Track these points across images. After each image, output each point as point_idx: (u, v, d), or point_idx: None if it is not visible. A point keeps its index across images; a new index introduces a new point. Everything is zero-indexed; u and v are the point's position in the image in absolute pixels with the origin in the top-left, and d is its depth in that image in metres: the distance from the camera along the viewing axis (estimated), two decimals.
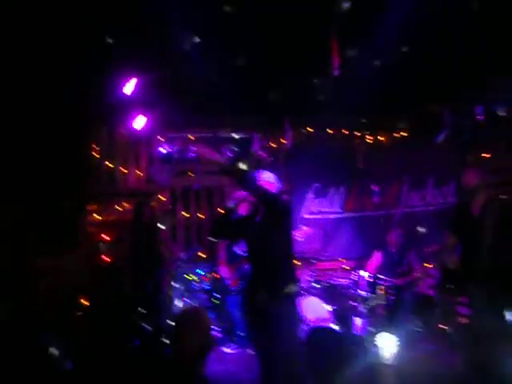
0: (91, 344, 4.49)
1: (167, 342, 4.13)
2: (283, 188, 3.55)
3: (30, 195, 4.96)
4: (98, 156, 6.49)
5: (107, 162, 6.54)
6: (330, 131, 7.28)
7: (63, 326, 4.38)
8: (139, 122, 5.91)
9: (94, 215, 6.23)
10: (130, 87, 4.88)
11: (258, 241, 3.16)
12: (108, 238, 5.88)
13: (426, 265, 6.21)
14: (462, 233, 4.02)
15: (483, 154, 6.11)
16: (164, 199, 6.52)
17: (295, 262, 6.16)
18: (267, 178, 3.33)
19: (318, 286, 5.91)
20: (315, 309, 5.44)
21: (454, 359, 4.60)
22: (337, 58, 4.04)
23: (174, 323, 2.12)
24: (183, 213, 6.79)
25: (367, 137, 7.35)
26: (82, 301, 5.61)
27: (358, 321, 5.35)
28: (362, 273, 5.66)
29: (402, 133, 7.20)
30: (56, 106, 5.07)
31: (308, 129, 7.06)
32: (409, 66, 5.09)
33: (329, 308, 5.41)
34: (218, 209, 6.78)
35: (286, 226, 3.22)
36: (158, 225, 5.91)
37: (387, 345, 5.07)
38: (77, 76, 4.79)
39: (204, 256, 6.26)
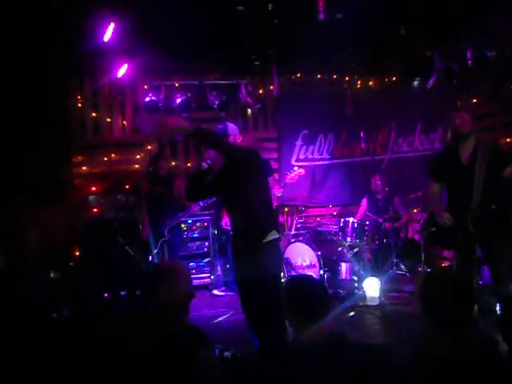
0: (82, 293, 4.60)
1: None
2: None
3: (12, 148, 4.90)
4: (81, 106, 6.39)
5: (92, 113, 6.46)
6: (318, 76, 7.16)
7: (53, 276, 4.47)
8: (122, 70, 5.75)
9: (82, 167, 6.23)
10: (108, 34, 4.69)
11: (232, 193, 3.15)
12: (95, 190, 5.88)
13: (411, 210, 6.30)
14: (450, 179, 3.85)
15: (473, 100, 6.06)
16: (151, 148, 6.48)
17: (285, 208, 6.39)
18: (233, 131, 3.54)
19: (306, 233, 6.02)
20: (302, 254, 5.57)
21: None
22: (322, 1, 3.89)
23: (150, 276, 2.13)
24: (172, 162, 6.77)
25: (356, 82, 7.24)
26: (74, 252, 5.73)
27: (344, 266, 5.48)
28: (348, 219, 5.74)
29: (391, 77, 7.09)
30: (33, 56, 4.91)
31: (295, 74, 6.92)
32: (397, 9, 4.92)
33: (316, 254, 5.53)
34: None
35: (258, 175, 3.19)
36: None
37: (372, 288, 5.26)
38: (52, 25, 4.60)
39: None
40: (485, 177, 3.64)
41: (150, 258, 5.20)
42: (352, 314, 4.89)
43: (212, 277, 6.18)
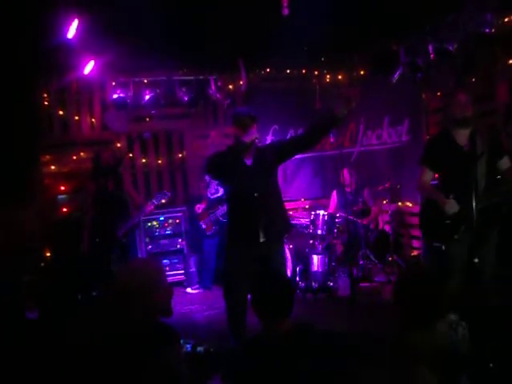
0: (54, 294, 4.55)
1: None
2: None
3: None
4: (48, 104, 6.27)
5: (59, 111, 6.35)
6: (287, 71, 7.20)
7: (22, 277, 4.40)
8: (89, 67, 5.67)
9: (50, 166, 6.13)
10: (72, 30, 4.62)
11: (264, 180, 3.24)
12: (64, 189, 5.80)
13: (380, 202, 6.42)
14: (448, 165, 3.56)
15: (437, 93, 6.19)
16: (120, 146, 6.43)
17: None
18: None
19: None
20: None
21: None
22: None
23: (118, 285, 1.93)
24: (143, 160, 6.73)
25: (325, 76, 7.31)
26: (44, 252, 5.64)
27: (315, 258, 5.56)
28: (319, 212, 5.82)
29: (359, 71, 7.18)
30: None
31: (264, 69, 6.95)
32: (363, 3, 4.99)
33: (287, 247, 5.59)
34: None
35: (276, 172, 3.41)
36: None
37: (344, 279, 5.36)
38: (16, 21, 4.50)
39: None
40: (488, 162, 3.47)
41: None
42: None
43: (185, 274, 6.19)
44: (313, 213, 5.90)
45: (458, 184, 3.48)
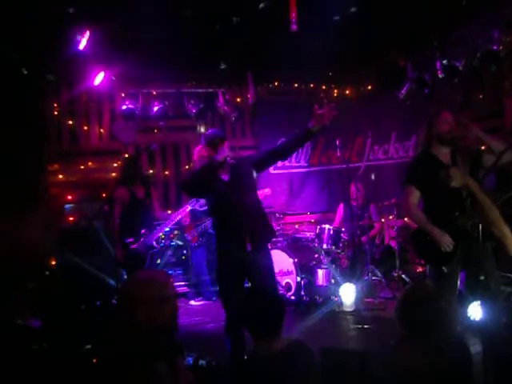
0: (58, 303, 4.55)
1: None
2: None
3: None
4: (58, 114, 6.35)
5: (68, 121, 6.42)
6: (295, 85, 7.25)
7: (26, 285, 4.41)
8: (99, 78, 5.75)
9: (57, 175, 6.18)
10: (84, 42, 4.69)
11: (244, 192, 3.40)
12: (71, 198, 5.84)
13: (387, 217, 6.38)
14: (433, 186, 3.40)
15: (443, 110, 6.17)
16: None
17: None
18: None
19: (283, 240, 6.06)
20: (279, 261, 5.60)
21: None
22: (294, 13, 3.95)
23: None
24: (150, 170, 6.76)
25: (333, 90, 7.35)
26: (50, 260, 5.65)
27: (320, 272, 5.53)
28: (324, 226, 5.80)
29: (367, 87, 7.22)
30: (8, 62, 4.87)
31: (273, 83, 7.00)
32: (371, 19, 5.03)
33: (293, 261, 5.57)
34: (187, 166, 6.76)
35: (254, 182, 3.58)
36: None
37: (348, 294, 5.32)
38: (28, 31, 4.58)
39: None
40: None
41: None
42: None
43: (189, 285, 6.18)
44: (318, 227, 5.88)
45: (444, 203, 3.39)
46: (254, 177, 3.55)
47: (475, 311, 3.24)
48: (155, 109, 6.32)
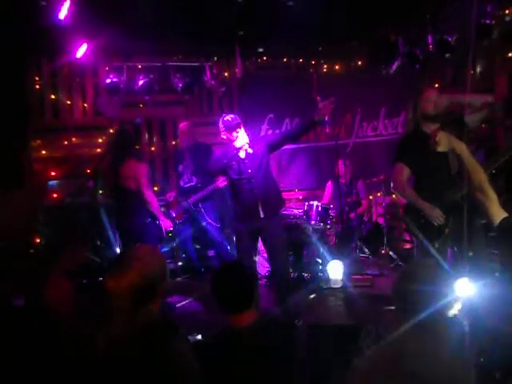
0: (42, 281, 4.47)
1: None
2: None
3: None
4: (39, 88, 6.16)
5: (51, 95, 6.24)
6: (284, 60, 7.11)
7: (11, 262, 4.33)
8: (81, 50, 5.56)
9: (41, 151, 6.03)
10: (64, 10, 4.50)
11: (260, 170, 3.88)
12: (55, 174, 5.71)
13: (375, 194, 6.38)
14: (423, 162, 3.48)
15: (435, 84, 6.12)
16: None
17: None
18: None
19: None
20: None
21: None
22: None
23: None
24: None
25: (323, 66, 7.23)
26: (34, 238, 5.56)
27: (308, 249, 5.52)
28: (312, 202, 5.76)
29: (357, 62, 7.11)
30: None
31: (261, 57, 6.85)
32: None
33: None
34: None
35: (268, 160, 4.00)
36: None
37: (336, 271, 5.32)
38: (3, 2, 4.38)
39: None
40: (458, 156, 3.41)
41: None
42: (313, 296, 4.95)
43: (180, 263, 6.14)
44: (306, 203, 5.83)
45: (433, 179, 3.46)
46: (268, 156, 3.96)
47: (463, 287, 3.25)
48: (140, 83, 6.14)
